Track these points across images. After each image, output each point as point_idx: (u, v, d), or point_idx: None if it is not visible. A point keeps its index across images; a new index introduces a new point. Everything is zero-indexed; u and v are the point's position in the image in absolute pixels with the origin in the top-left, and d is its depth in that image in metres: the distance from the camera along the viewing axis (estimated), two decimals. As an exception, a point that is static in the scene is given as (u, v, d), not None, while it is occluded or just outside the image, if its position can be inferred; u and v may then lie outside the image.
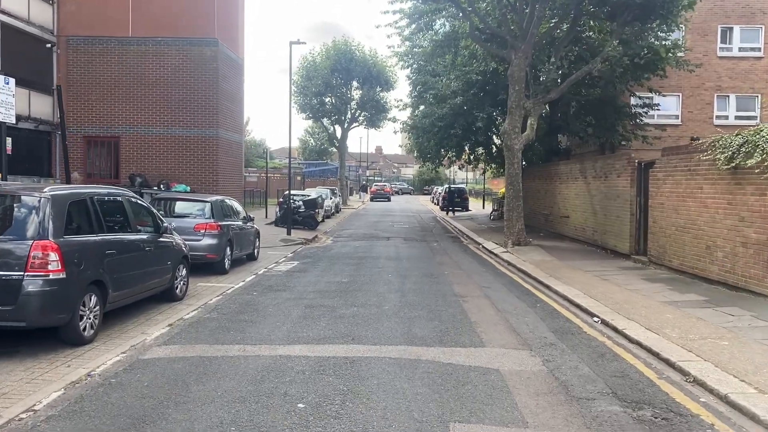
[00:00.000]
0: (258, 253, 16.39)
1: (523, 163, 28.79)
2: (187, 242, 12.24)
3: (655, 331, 8.37)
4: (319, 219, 27.12)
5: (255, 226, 16.44)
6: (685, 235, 12.69)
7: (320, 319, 9.05)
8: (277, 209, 27.11)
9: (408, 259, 16.84)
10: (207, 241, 12.99)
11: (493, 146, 30.77)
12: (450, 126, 25.62)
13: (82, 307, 7.42)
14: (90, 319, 7.60)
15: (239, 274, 13.63)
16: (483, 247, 20.36)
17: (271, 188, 44.78)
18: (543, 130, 24.31)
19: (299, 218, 25.76)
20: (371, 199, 61.25)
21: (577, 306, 10.43)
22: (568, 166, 21.61)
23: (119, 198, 8.83)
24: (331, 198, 35.52)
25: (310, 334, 8.13)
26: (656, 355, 7.43)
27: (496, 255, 17.95)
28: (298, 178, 55.32)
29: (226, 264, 13.51)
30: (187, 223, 13.15)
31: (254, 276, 13.40)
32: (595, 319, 9.48)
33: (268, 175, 54.78)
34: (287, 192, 28.89)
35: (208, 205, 13.54)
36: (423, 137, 28.20)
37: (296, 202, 26.23)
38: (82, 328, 7.41)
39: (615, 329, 8.77)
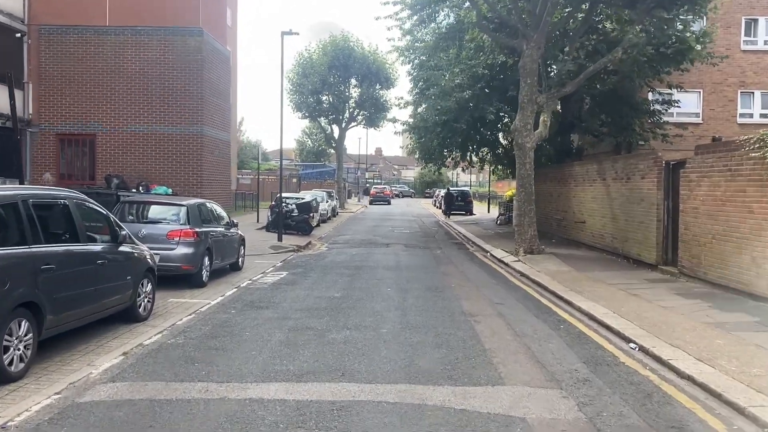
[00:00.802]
0: (243, 262, 15.15)
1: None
2: (159, 251, 11.10)
3: (707, 363, 7.10)
4: (314, 224, 25.93)
5: (240, 232, 15.19)
6: (725, 245, 11.43)
7: (305, 347, 7.78)
8: (269, 213, 25.87)
9: (409, 269, 15.61)
10: (182, 249, 11.75)
11: (500, 146, 29.59)
12: (455, 120, 24.36)
13: (7, 337, 6.16)
14: (19, 350, 6.33)
15: (219, 287, 12.39)
16: (491, 255, 19.14)
17: (265, 191, 43.77)
18: (554, 129, 23.13)
19: (292, 223, 24.59)
20: (370, 203, 60.11)
21: (607, 327, 9.18)
22: (584, 167, 20.41)
23: (64, 201, 7.56)
24: (327, 201, 34.29)
25: (291, 368, 6.86)
26: (718, 396, 6.16)
27: (506, 264, 16.73)
28: (294, 180, 54.23)
29: (204, 276, 12.27)
30: (160, 230, 11.92)
31: (235, 289, 12.15)
32: (632, 345, 8.21)
33: (262, 177, 53.73)
34: (279, 195, 27.94)
35: (183, 210, 12.30)
36: (425, 137, 27.01)
37: (289, 206, 25.04)
38: (7, 361, 6.14)
39: (658, 359, 7.50)
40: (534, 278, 13.83)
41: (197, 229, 12.15)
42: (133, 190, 17.90)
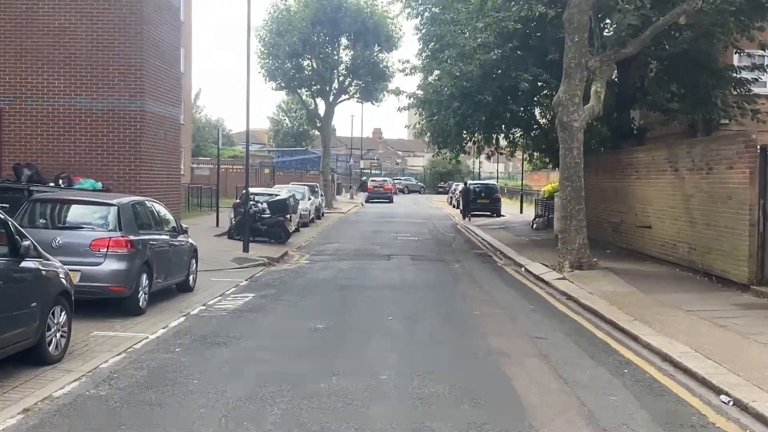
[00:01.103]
0: (195, 280, 14.74)
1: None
2: (79, 267, 10.74)
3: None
4: (292, 228, 25.56)
5: (191, 240, 14.78)
6: None
7: (275, 402, 7.35)
8: (231, 215, 25.50)
9: (417, 290, 15.19)
10: (110, 265, 11.31)
11: (537, 126, 29.19)
12: (478, 91, 23.88)
13: None
14: None
15: (161, 314, 11.96)
16: (526, 270, 18.73)
17: (229, 184, 43.44)
18: (609, 103, 22.71)
19: (262, 227, 24.23)
20: (367, 200, 59.70)
21: (688, 372, 8.78)
22: (650, 153, 20.04)
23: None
24: (309, 198, 33.93)
25: (255, 433, 6.41)
26: None
27: (547, 283, 16.33)
28: (266, 170, 53.91)
29: (141, 300, 11.84)
30: (81, 238, 11.49)
31: (183, 318, 11.72)
32: (724, 397, 7.80)
33: (224, 166, 53.53)
34: (245, 190, 27.54)
35: (113, 211, 11.86)
36: (438, 113, 26.59)
37: (258, 205, 24.70)
38: None
39: (762, 419, 7.06)
40: (585, 303, 13.41)
41: (132, 237, 11.71)
42: (51, 185, 17.45)
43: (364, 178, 60.83)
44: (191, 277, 14.49)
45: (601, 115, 19.57)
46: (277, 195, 26.47)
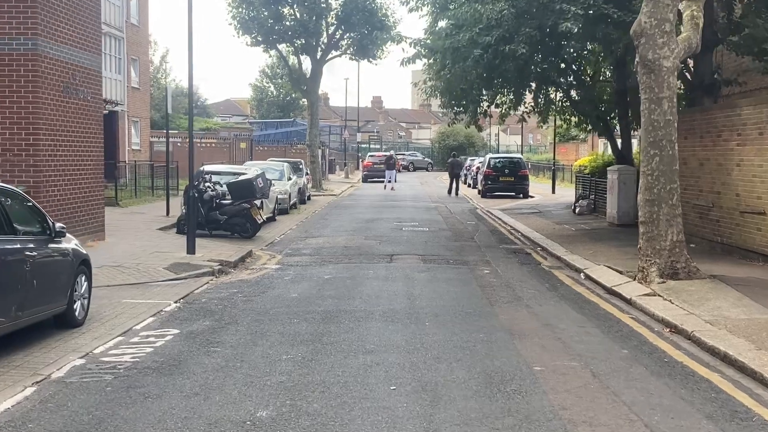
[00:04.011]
0: (86, 308, 10.39)
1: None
2: None
3: None
4: (262, 218, 21.21)
5: (77, 246, 10.39)
6: None
7: None
8: (182, 201, 21.18)
9: (436, 319, 10.86)
10: None
11: (581, 85, 24.98)
12: (508, 37, 19.75)
13: None
14: None
15: (18, 371, 7.69)
16: (588, 277, 14.45)
17: (197, 161, 39.69)
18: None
19: (221, 218, 20.12)
20: (364, 179, 55.53)
21: None
22: (759, 108, 15.68)
23: None
24: (290, 178, 29.52)
25: None
26: None
27: (629, 302, 12.10)
28: (242, 145, 49.49)
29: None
30: None
31: (29, 392, 7.38)
32: None
33: (196, 141, 48.98)
34: (202, 168, 23.28)
35: None
36: (453, 66, 22.20)
37: (215, 188, 20.53)
38: None
39: None
40: (716, 346, 9.04)
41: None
42: None
43: (392, 152, 56.47)
44: (78, 304, 10.10)
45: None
46: (242, 174, 22.08)
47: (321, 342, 9.46)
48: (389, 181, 44.69)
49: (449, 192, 40.43)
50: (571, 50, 22.70)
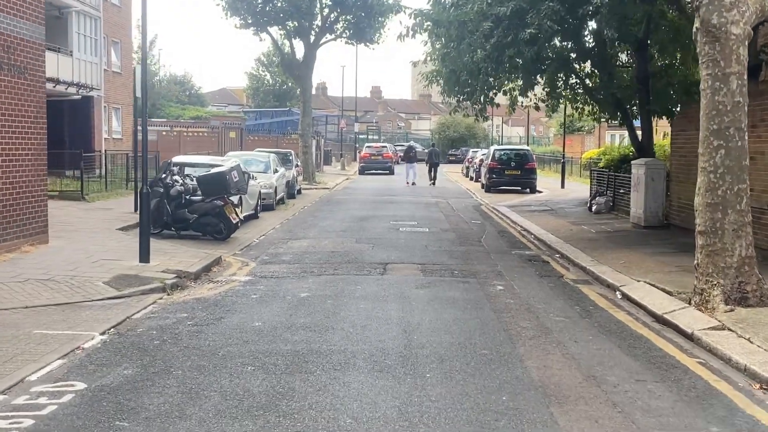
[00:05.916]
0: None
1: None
2: None
3: None
4: (238, 217, 18.41)
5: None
6: None
7: None
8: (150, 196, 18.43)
9: (439, 365, 8.09)
10: None
11: (611, 62, 22.37)
12: (522, 11, 17.11)
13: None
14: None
15: None
16: (626, 296, 11.71)
17: (183, 151, 37.30)
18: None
19: (190, 217, 17.45)
20: (360, 171, 52.87)
21: None
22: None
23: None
24: (276, 170, 26.67)
25: None
26: None
27: (690, 339, 9.32)
28: (232, 134, 46.65)
29: None
30: None
31: None
32: None
33: (176, 129, 46.52)
34: (170, 160, 20.47)
35: None
36: (460, 41, 19.41)
37: (185, 182, 17.90)
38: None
39: None
40: None
41: None
42: None
43: (411, 142, 54.13)
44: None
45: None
46: (216, 166, 19.26)
47: (277, 412, 6.63)
48: (409, 176, 41.99)
49: (431, 181, 41.96)
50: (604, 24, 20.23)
